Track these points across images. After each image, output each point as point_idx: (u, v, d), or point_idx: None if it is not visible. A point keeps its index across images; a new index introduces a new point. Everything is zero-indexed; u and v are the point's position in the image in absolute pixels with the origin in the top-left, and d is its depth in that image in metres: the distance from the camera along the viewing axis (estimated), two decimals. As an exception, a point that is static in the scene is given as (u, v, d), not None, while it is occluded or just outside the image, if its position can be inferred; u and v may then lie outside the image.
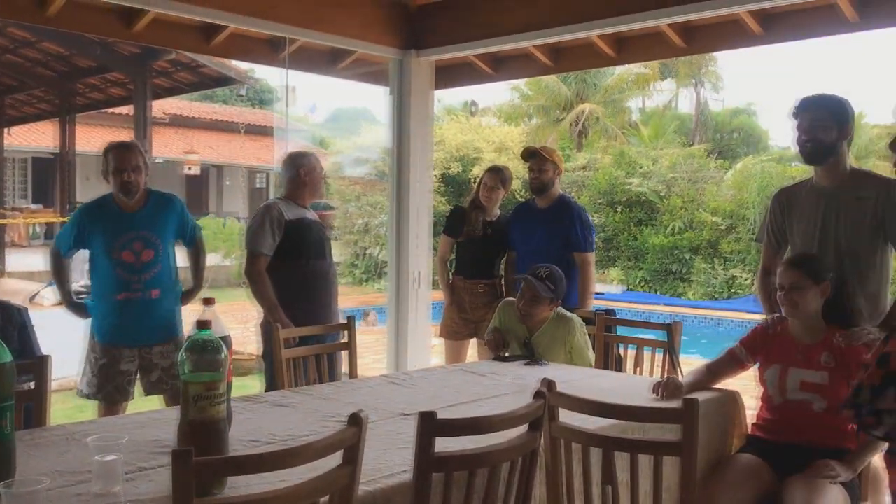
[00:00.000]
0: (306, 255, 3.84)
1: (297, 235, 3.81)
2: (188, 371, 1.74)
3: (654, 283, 15.81)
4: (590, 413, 2.02)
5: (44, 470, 1.87)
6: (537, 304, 3.59)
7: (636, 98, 26.37)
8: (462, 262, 4.81)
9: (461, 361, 4.67)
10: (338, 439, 1.63)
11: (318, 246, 3.91)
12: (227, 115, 22.95)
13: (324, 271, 3.92)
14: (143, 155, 3.70)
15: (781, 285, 2.85)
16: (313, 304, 3.82)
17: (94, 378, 3.68)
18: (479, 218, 4.68)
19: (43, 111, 12.42)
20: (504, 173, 4.77)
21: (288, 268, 3.80)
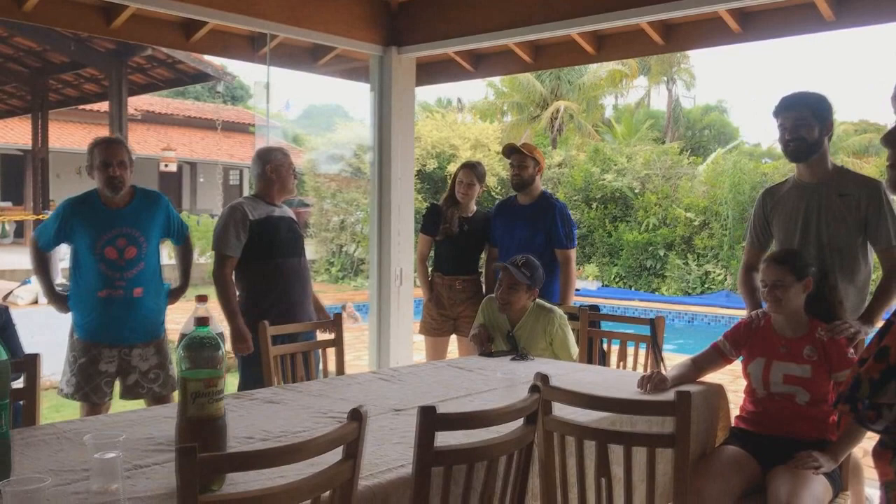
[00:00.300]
0: (275, 253, 3.78)
1: (263, 235, 3.76)
2: (186, 368, 1.74)
3: (630, 279, 15.95)
4: (584, 406, 2.04)
5: (38, 469, 1.86)
6: (515, 291, 3.63)
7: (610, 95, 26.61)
8: (440, 259, 4.82)
9: (442, 358, 4.69)
10: (340, 435, 1.64)
11: (289, 244, 3.85)
12: (200, 112, 22.76)
13: (295, 269, 3.86)
14: (128, 151, 3.66)
15: (764, 282, 2.90)
16: (285, 302, 3.78)
17: (72, 377, 3.63)
18: (456, 215, 4.70)
19: (14, 107, 12.22)
20: (479, 169, 4.80)
21: (257, 267, 3.77)
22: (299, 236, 3.98)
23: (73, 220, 3.64)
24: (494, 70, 6.37)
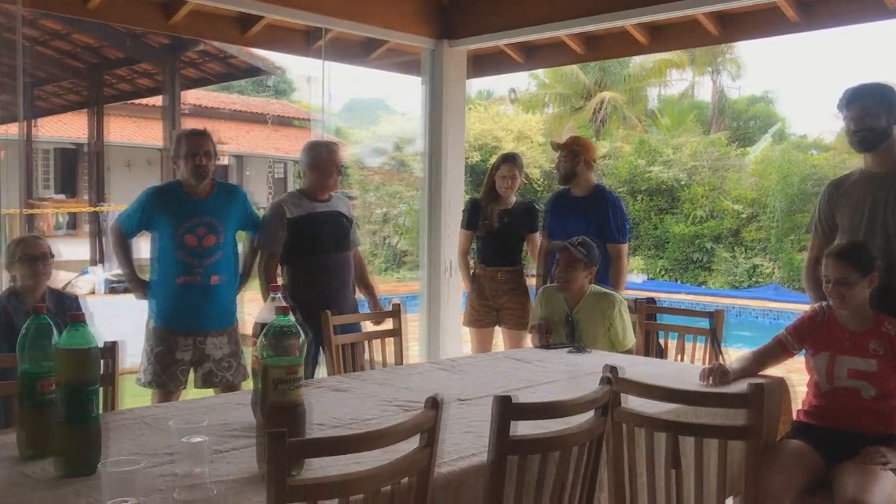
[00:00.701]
0: (314, 250, 3.90)
1: (303, 231, 3.89)
2: (268, 356, 1.79)
3: (676, 272, 15.79)
4: (657, 398, 2.05)
5: (124, 452, 1.93)
6: (573, 269, 3.68)
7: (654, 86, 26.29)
8: (482, 252, 4.85)
9: (488, 349, 4.72)
10: (419, 422, 1.67)
11: (329, 240, 3.93)
12: (246, 106, 23.03)
13: (335, 264, 3.93)
14: (213, 143, 3.77)
15: (827, 277, 2.85)
16: (324, 296, 3.83)
17: (149, 366, 3.74)
18: (495, 210, 4.70)
19: (71, 102, 12.51)
20: (519, 160, 4.81)
21: (297, 263, 3.92)
22: (344, 230, 4.00)
23: (155, 208, 3.76)
24: (545, 62, 6.37)
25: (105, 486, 1.52)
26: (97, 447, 1.80)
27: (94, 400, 1.79)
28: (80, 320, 1.80)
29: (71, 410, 1.75)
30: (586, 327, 3.67)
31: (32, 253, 3.28)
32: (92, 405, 1.78)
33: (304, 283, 3.91)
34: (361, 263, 4.20)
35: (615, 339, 3.66)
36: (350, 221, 4.05)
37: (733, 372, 2.90)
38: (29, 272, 3.27)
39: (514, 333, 4.71)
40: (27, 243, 3.32)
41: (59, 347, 1.78)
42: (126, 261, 3.92)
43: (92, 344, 1.79)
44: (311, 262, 3.91)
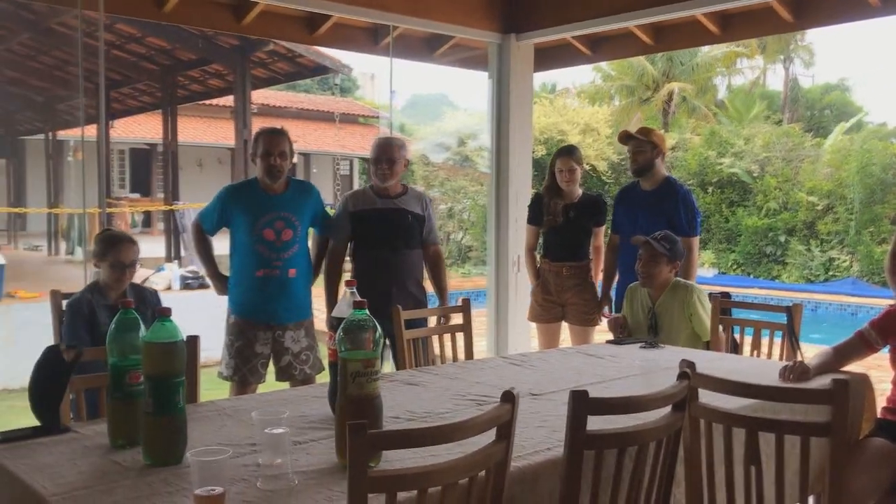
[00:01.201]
0: (367, 245, 3.99)
1: (358, 227, 4.00)
2: (346, 349, 1.82)
3: (748, 265, 15.44)
4: (736, 394, 2.02)
5: (207, 442, 1.98)
6: (656, 263, 3.67)
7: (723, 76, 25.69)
8: (548, 246, 4.80)
9: (555, 345, 4.68)
10: (494, 416, 1.68)
11: (382, 236, 3.96)
12: (312, 104, 23.37)
13: (384, 261, 3.95)
14: (290, 142, 3.84)
15: None
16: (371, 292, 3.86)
17: (231, 360, 3.83)
18: (559, 205, 4.64)
19: (145, 104, 12.93)
20: (576, 153, 4.72)
21: (357, 256, 4.05)
22: (405, 229, 3.98)
23: (233, 204, 3.86)
24: (613, 53, 6.30)
25: (194, 474, 1.57)
26: (183, 437, 1.86)
27: (181, 392, 1.85)
28: (167, 315, 1.85)
29: (158, 402, 1.81)
30: (667, 320, 3.67)
31: (123, 261, 3.34)
32: (178, 397, 1.84)
33: (358, 277, 3.95)
34: (435, 262, 4.14)
35: (699, 326, 3.62)
36: (420, 220, 4.03)
37: (813, 368, 2.82)
38: (115, 277, 3.35)
39: (579, 329, 4.66)
40: (120, 251, 3.33)
41: (146, 341, 1.84)
42: (207, 257, 4.03)
43: (178, 338, 1.85)
44: (364, 258, 4.00)
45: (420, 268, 4.09)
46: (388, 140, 4.12)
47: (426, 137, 20.43)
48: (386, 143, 4.06)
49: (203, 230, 3.99)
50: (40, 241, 14.35)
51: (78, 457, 1.89)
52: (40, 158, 15.70)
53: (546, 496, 1.88)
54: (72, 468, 1.81)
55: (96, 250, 3.42)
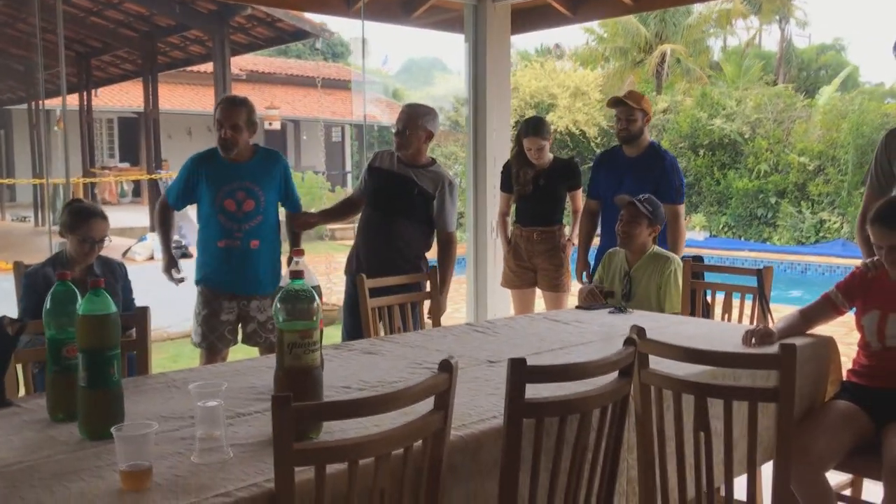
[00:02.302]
0: (370, 202, 3.98)
1: (369, 182, 4.00)
2: (283, 320, 1.78)
3: (739, 228, 15.41)
4: (682, 360, 1.99)
5: (149, 415, 1.95)
6: (636, 224, 3.64)
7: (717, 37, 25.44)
8: (519, 212, 4.78)
9: (529, 310, 4.67)
10: (430, 384, 1.65)
11: (380, 198, 3.93)
12: (302, 70, 23.13)
13: (377, 221, 3.92)
14: (248, 113, 3.73)
15: (878, 245, 2.69)
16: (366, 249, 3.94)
17: (198, 328, 3.84)
18: (529, 174, 4.60)
19: (127, 71, 12.75)
20: (543, 130, 4.62)
21: (363, 210, 4.06)
22: (406, 199, 3.88)
23: (197, 174, 3.81)
24: (594, 14, 6.19)
25: (119, 449, 1.54)
26: (119, 411, 1.83)
27: (115, 364, 1.81)
28: (99, 286, 1.81)
29: (91, 375, 1.78)
30: (642, 286, 3.64)
31: (93, 237, 3.27)
32: (112, 369, 1.80)
33: (358, 232, 4.04)
34: (443, 248, 3.98)
35: (665, 300, 3.59)
36: (427, 198, 3.88)
37: (778, 332, 2.79)
38: (83, 251, 3.29)
39: (550, 295, 4.66)
40: (90, 226, 3.26)
41: (79, 314, 1.80)
42: (164, 232, 4.00)
43: (111, 310, 1.80)
44: (365, 214, 4.02)
45: (419, 244, 3.96)
46: (406, 107, 4.01)
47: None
48: (403, 111, 3.97)
49: (167, 204, 3.94)
50: (28, 212, 14.27)
51: (14, 431, 1.86)
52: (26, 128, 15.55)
53: (490, 464, 1.85)
54: (5, 443, 1.78)
55: (65, 221, 3.33)
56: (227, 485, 1.55)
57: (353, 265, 3.96)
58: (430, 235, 3.98)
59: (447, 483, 1.76)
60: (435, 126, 3.95)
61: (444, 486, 1.73)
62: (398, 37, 37.81)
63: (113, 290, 3.42)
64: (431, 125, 3.92)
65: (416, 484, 1.67)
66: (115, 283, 3.48)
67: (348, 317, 3.88)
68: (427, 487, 1.69)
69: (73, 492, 1.52)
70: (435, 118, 3.96)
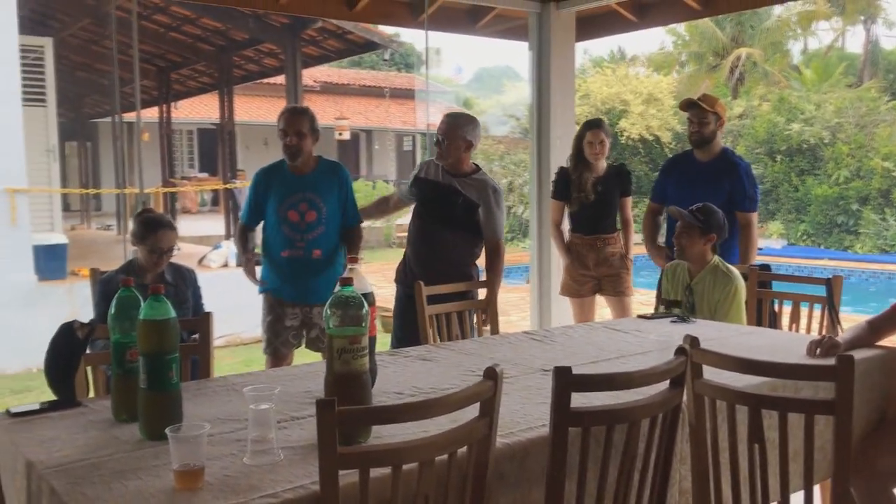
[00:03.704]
0: (417, 212, 4.02)
1: (416, 192, 4.03)
2: (332, 325, 1.82)
3: (818, 236, 14.91)
4: (735, 370, 1.94)
5: (208, 417, 2.02)
6: (688, 235, 3.55)
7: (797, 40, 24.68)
8: (579, 221, 4.70)
9: (590, 319, 4.62)
10: (474, 392, 1.66)
11: (425, 209, 3.97)
12: (374, 81, 23.46)
13: (424, 231, 3.96)
14: (311, 121, 3.82)
15: None
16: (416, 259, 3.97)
17: (264, 334, 3.97)
18: (589, 180, 4.55)
19: (205, 84, 13.17)
20: (604, 125, 4.64)
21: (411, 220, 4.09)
22: (449, 209, 3.89)
23: (264, 188, 3.93)
24: (661, 19, 6.10)
25: (172, 449, 1.60)
26: (176, 412, 1.89)
27: (174, 368, 1.88)
28: (159, 293, 1.88)
29: (151, 378, 1.85)
30: (703, 301, 3.54)
31: (161, 247, 3.39)
32: (171, 373, 1.87)
33: (408, 242, 4.08)
34: (489, 255, 3.96)
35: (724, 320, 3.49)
36: (471, 207, 3.87)
37: (845, 343, 2.70)
38: (152, 261, 3.41)
39: (616, 300, 4.62)
40: (159, 237, 3.37)
41: (140, 319, 1.88)
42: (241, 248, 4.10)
43: (170, 315, 1.87)
44: (412, 224, 4.05)
45: (467, 252, 3.96)
46: (446, 117, 4.02)
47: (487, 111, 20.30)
48: (443, 121, 3.98)
49: (244, 226, 4.07)
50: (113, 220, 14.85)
51: (80, 430, 1.95)
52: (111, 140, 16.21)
53: (538, 472, 1.85)
54: (70, 441, 1.87)
55: (135, 231, 3.46)
56: (275, 486, 1.59)
57: (402, 274, 4.03)
58: (477, 244, 3.97)
59: (494, 490, 1.77)
60: (475, 135, 3.93)
61: (491, 493, 1.74)
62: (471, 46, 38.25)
63: (183, 296, 3.55)
64: (471, 135, 3.91)
65: (460, 490, 1.68)
66: (186, 290, 3.60)
67: (398, 324, 3.96)
68: (472, 494, 1.69)
69: (130, 489, 1.58)
70: (475, 128, 3.95)
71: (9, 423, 2.01)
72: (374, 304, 2.12)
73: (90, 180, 18.14)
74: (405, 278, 3.94)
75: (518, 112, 19.76)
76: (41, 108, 9.04)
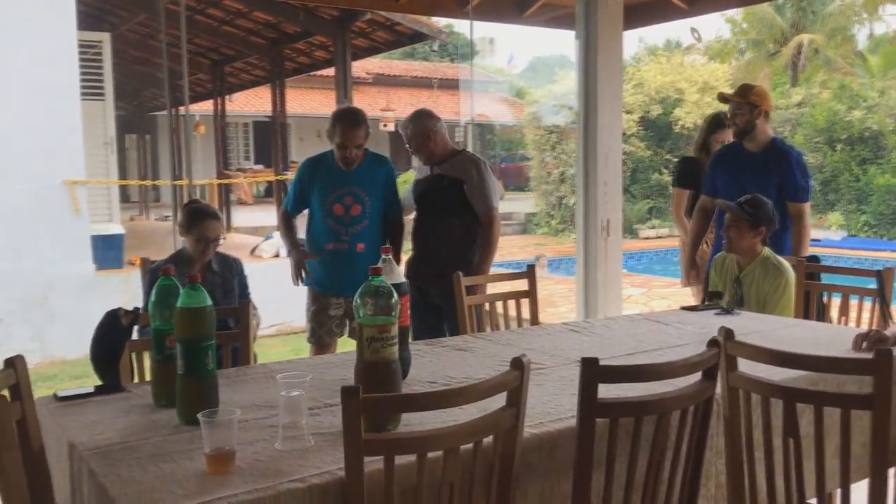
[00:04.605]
0: (418, 211, 4.10)
1: (416, 194, 4.09)
2: (362, 315, 1.84)
3: (881, 227, 14.47)
4: (769, 363, 1.91)
5: (244, 404, 2.06)
6: (736, 228, 3.51)
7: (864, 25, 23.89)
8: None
9: None
10: (500, 381, 1.66)
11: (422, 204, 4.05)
12: (424, 72, 23.51)
13: (425, 225, 4.04)
14: (366, 129, 3.89)
15: None
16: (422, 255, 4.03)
17: (308, 324, 4.07)
18: None
19: (258, 77, 13.37)
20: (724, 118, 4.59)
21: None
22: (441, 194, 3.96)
23: (309, 179, 4.00)
24: (711, 6, 5.98)
25: (204, 433, 1.64)
26: (212, 398, 1.93)
27: (210, 354, 1.92)
28: (196, 282, 1.93)
29: (187, 364, 1.90)
30: (752, 293, 3.50)
31: (207, 236, 3.47)
32: (207, 359, 1.92)
33: (413, 243, 4.13)
34: (484, 228, 3.98)
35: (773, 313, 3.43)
36: (456, 183, 3.91)
37: (893, 336, 2.63)
38: (199, 250, 3.50)
39: None
40: (204, 227, 3.45)
41: (178, 307, 1.93)
42: (290, 239, 4.17)
43: (206, 304, 1.92)
44: (416, 223, 4.11)
45: (461, 235, 3.98)
46: (403, 124, 4.11)
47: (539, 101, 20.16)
48: (403, 128, 4.10)
49: (286, 213, 4.14)
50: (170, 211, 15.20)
51: (121, 414, 2.02)
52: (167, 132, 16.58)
53: (566, 463, 1.84)
54: (111, 425, 1.93)
55: (182, 221, 3.56)
56: (303, 471, 1.62)
57: (411, 270, 4.04)
58: (472, 224, 3.99)
59: (522, 480, 1.77)
60: (429, 124, 4.00)
61: (519, 483, 1.74)
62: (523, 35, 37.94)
63: (229, 284, 3.63)
64: (426, 124, 3.99)
65: (486, 480, 1.69)
66: (232, 279, 3.68)
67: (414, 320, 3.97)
68: (498, 484, 1.70)
69: (165, 472, 1.63)
70: (428, 118, 4.02)
71: (55, 406, 2.09)
72: (406, 294, 2.14)
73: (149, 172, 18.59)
74: (415, 275, 3.97)
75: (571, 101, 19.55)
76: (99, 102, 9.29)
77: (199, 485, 1.56)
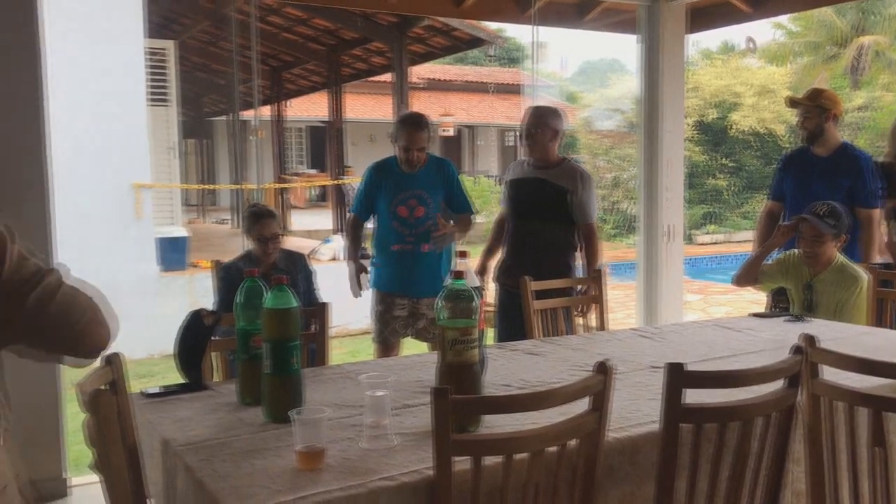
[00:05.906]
0: (514, 213, 4.09)
1: (509, 194, 4.11)
2: (445, 318, 1.87)
3: (947, 234, 14.02)
4: (854, 370, 1.89)
5: (325, 402, 2.11)
6: (820, 243, 3.46)
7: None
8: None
9: None
10: (585, 385, 1.68)
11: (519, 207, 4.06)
12: (478, 76, 23.53)
13: (525, 230, 4.02)
14: (429, 132, 3.98)
15: None
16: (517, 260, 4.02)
17: (374, 324, 4.14)
18: None
19: (315, 83, 13.57)
20: None
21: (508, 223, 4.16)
22: (544, 200, 3.95)
23: (375, 183, 4.08)
24: (777, 9, 5.90)
25: (295, 431, 1.69)
26: (298, 396, 1.99)
27: (295, 354, 1.97)
28: (283, 283, 1.98)
29: (274, 363, 1.95)
30: (823, 298, 3.44)
31: (265, 234, 3.62)
32: (293, 359, 1.97)
33: (508, 246, 4.13)
34: (586, 239, 4.00)
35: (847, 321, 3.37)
36: (560, 193, 3.93)
37: (977, 346, 2.57)
38: (261, 249, 3.63)
39: None
40: (262, 226, 3.61)
41: (265, 307, 1.98)
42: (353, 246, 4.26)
43: (292, 305, 1.97)
44: (511, 227, 4.10)
45: (565, 244, 4.00)
46: (531, 109, 4.12)
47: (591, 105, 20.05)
48: (529, 114, 4.07)
49: (357, 220, 4.21)
50: (227, 215, 15.50)
51: (209, 412, 2.08)
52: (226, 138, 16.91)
53: (647, 468, 1.85)
54: (201, 421, 1.99)
55: (244, 225, 3.75)
56: (392, 469, 1.66)
57: (502, 274, 4.08)
58: (572, 231, 4.00)
59: (604, 484, 1.78)
60: (559, 124, 4.01)
61: (601, 486, 1.75)
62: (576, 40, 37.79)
63: (294, 281, 3.72)
64: (557, 124, 3.99)
65: (570, 482, 1.70)
66: (297, 274, 3.77)
67: (502, 326, 4.01)
68: (582, 487, 1.71)
69: (256, 468, 1.68)
70: (559, 117, 4.03)
71: (143, 403, 2.16)
72: (482, 298, 2.17)
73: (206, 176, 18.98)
74: (505, 278, 3.99)
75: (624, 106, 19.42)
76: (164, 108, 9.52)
77: (291, 481, 1.61)
